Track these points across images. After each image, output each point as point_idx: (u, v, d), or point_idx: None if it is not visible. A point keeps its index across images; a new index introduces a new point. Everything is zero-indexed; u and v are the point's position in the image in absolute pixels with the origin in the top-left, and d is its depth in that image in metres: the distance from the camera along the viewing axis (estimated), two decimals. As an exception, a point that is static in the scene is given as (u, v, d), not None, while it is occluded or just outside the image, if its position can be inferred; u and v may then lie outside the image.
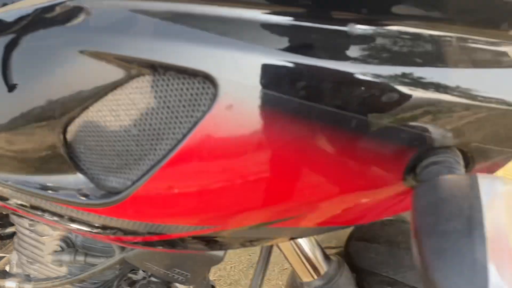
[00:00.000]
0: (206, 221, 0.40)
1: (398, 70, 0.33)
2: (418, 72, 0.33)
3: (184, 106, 0.35)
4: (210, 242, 0.44)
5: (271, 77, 0.32)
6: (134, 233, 0.43)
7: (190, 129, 0.35)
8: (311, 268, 0.55)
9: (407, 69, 0.33)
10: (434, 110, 0.33)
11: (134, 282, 0.75)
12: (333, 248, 0.67)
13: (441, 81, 0.33)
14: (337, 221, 0.41)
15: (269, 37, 0.33)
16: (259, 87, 0.32)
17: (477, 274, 0.24)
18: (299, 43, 0.33)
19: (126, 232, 0.43)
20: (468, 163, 0.37)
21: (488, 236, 0.25)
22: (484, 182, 0.29)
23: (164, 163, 0.37)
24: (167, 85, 0.35)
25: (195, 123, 0.35)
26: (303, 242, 0.55)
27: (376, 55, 0.33)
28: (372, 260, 0.59)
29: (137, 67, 0.35)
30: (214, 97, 0.33)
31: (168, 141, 0.37)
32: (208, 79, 0.33)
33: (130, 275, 0.75)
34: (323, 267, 0.56)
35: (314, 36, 0.33)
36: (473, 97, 0.33)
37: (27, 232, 0.78)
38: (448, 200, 0.28)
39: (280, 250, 0.56)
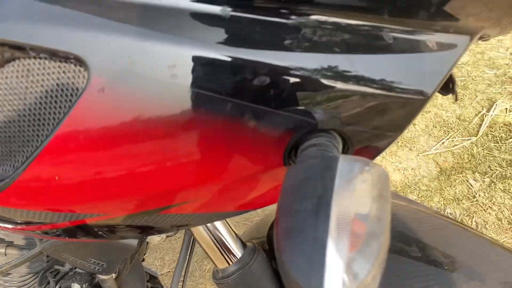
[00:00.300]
0: (91, 209, 0.39)
1: (275, 55, 0.33)
2: (295, 56, 0.33)
3: (62, 90, 0.34)
4: (108, 230, 0.43)
5: (143, 59, 0.32)
6: (27, 223, 0.42)
7: (65, 113, 0.34)
8: (226, 255, 0.56)
9: (284, 54, 0.33)
10: (311, 94, 0.34)
11: (62, 275, 0.74)
12: (258, 238, 0.67)
13: (318, 66, 0.33)
14: (228, 207, 0.41)
15: (143, 19, 0.32)
16: (130, 70, 0.32)
17: (315, 252, 0.25)
18: (172, 25, 0.32)
19: (19, 223, 0.42)
20: (348, 147, 0.37)
21: (333, 216, 0.26)
22: (344, 163, 0.29)
23: (42, 149, 0.36)
24: (43, 68, 0.34)
25: (71, 107, 0.34)
26: (216, 229, 0.55)
27: (255, 40, 0.33)
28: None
29: (8, 49, 0.34)
30: (87, 80, 0.33)
31: (50, 126, 0.36)
32: (80, 62, 0.33)
33: (57, 267, 0.74)
34: (237, 253, 0.56)
35: (186, 18, 0.32)
36: (348, 81, 0.34)
37: None
38: (307, 180, 0.29)
39: (195, 238, 0.56)
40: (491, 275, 0.49)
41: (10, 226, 0.45)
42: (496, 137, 2.05)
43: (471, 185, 1.82)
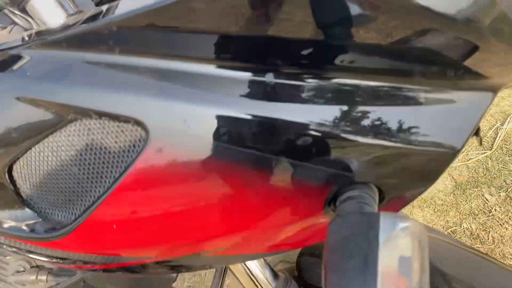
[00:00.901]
0: (136, 254, 0.42)
1: (314, 115, 0.36)
2: (331, 112, 0.36)
3: (120, 147, 0.37)
4: (157, 267, 0.47)
5: (197, 123, 0.35)
6: (83, 262, 0.45)
7: (125, 169, 0.37)
8: (260, 286, 0.58)
9: (324, 114, 0.36)
10: (348, 149, 0.37)
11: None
12: (287, 262, 0.70)
13: (352, 122, 0.36)
14: (268, 248, 0.44)
15: (200, 86, 0.36)
16: (186, 132, 0.35)
17: (366, 310, 0.27)
18: (224, 92, 0.35)
19: (75, 262, 0.46)
20: (383, 198, 0.40)
21: (380, 274, 0.28)
22: (385, 220, 0.32)
23: (102, 201, 0.39)
24: (103, 128, 0.37)
25: (130, 164, 0.37)
26: (253, 263, 0.58)
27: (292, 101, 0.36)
28: (320, 276, 0.62)
29: (73, 113, 0.37)
30: (145, 141, 0.36)
31: (107, 179, 0.39)
32: (139, 125, 0.36)
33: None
34: (271, 284, 0.58)
35: (233, 85, 0.35)
36: (387, 137, 0.37)
37: (-11, 252, 0.79)
38: (351, 238, 0.31)
39: (231, 272, 0.59)
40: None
41: (55, 261, 0.48)
42: (510, 150, 2.06)
43: (487, 200, 1.83)
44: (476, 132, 0.47)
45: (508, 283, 0.54)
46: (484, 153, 2.07)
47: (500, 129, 2.18)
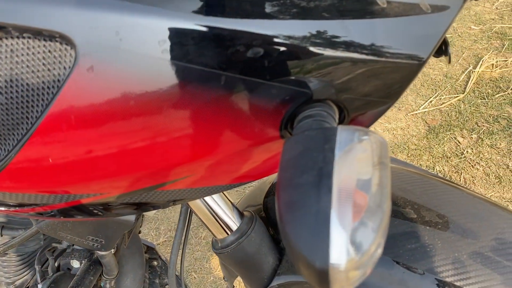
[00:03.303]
0: (86, 189, 0.39)
1: (266, 24, 0.32)
2: (286, 25, 0.32)
3: (48, 69, 0.33)
4: (104, 208, 0.43)
5: (131, 35, 0.31)
6: (21, 205, 0.42)
7: (55, 93, 0.33)
8: (224, 225, 0.56)
9: (275, 23, 0.32)
10: (303, 63, 0.33)
11: (60, 252, 0.74)
12: (254, 206, 0.68)
13: (309, 33, 0.32)
14: (227, 180, 0.41)
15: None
16: (119, 47, 0.31)
17: (319, 225, 0.25)
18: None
19: (13, 205, 0.42)
20: (345, 116, 0.37)
21: (335, 187, 0.26)
22: (343, 134, 0.29)
23: (34, 130, 0.35)
24: (28, 48, 0.33)
25: (60, 87, 0.33)
26: (213, 200, 0.56)
27: (246, 10, 0.32)
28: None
29: (-10, 31, 0.32)
30: (74, 58, 0.32)
31: (39, 107, 0.35)
32: (66, 40, 0.31)
33: (55, 244, 0.74)
34: (236, 223, 0.56)
35: None
36: (341, 47, 0.33)
37: None
38: (306, 153, 0.28)
39: (193, 210, 0.56)
40: (484, 232, 0.50)
41: (3, 208, 0.44)
42: (483, 93, 2.06)
43: (459, 142, 1.85)
44: (445, 49, 0.44)
45: (474, 207, 0.53)
46: (457, 96, 2.07)
47: (472, 72, 2.18)
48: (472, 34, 2.45)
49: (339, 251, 0.24)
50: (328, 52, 0.33)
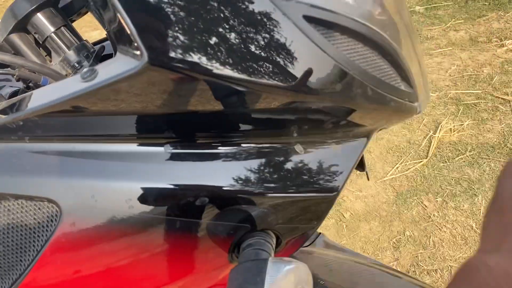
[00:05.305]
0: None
1: (210, 178, 0.41)
2: (226, 176, 0.42)
3: (39, 223, 0.42)
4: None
5: (104, 197, 0.40)
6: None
7: (45, 242, 0.41)
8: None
9: (218, 176, 0.41)
10: (243, 205, 0.42)
11: None
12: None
13: (244, 183, 0.42)
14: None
15: (104, 163, 0.40)
16: (95, 206, 0.40)
17: None
18: (126, 166, 0.41)
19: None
20: (281, 242, 0.46)
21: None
22: (272, 265, 0.37)
23: (28, 272, 0.43)
24: (22, 208, 0.41)
25: (49, 238, 0.41)
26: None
27: (193, 168, 0.41)
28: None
29: (-10, 198, 0.41)
30: (59, 217, 0.40)
31: (31, 253, 0.43)
32: (52, 203, 0.40)
33: None
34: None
35: (135, 159, 0.40)
36: (275, 189, 0.43)
37: None
38: (243, 284, 0.37)
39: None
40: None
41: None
42: (444, 157, 2.20)
43: (426, 206, 1.95)
44: (362, 167, 0.54)
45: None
46: (421, 161, 2.20)
47: (433, 137, 2.33)
48: (430, 100, 2.63)
49: None
50: (261, 191, 0.42)
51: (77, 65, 0.54)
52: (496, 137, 2.24)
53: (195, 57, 0.33)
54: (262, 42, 0.35)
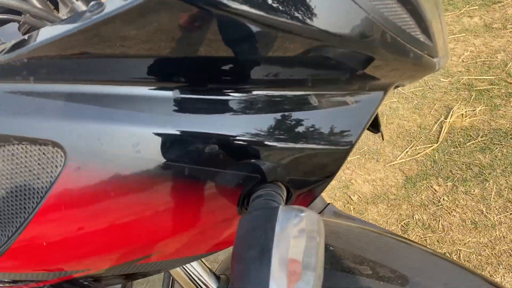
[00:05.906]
0: (78, 265, 0.45)
1: (221, 124, 0.40)
2: (237, 123, 0.40)
3: (43, 168, 0.40)
4: (93, 280, 0.49)
5: (110, 140, 0.38)
6: (15, 281, 0.47)
7: (49, 188, 0.40)
8: (203, 289, 0.62)
9: (228, 123, 0.40)
10: (254, 153, 0.41)
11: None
12: (230, 269, 0.73)
13: (258, 130, 0.40)
14: (199, 250, 0.48)
15: (110, 106, 0.39)
16: (101, 150, 0.38)
17: (261, 292, 0.31)
18: (134, 108, 0.39)
19: (8, 281, 0.48)
20: (291, 195, 0.44)
21: (274, 260, 0.32)
22: (283, 213, 0.36)
23: (31, 219, 0.41)
24: (25, 152, 0.40)
25: (53, 183, 0.40)
26: (192, 267, 0.62)
27: (203, 115, 0.40)
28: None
29: (-7, 140, 0.40)
30: (64, 161, 0.39)
31: (34, 199, 0.42)
32: (57, 146, 0.39)
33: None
34: (213, 286, 0.62)
35: (144, 103, 0.39)
36: (290, 140, 0.41)
37: None
38: (252, 231, 0.35)
39: (176, 280, 0.62)
40: (432, 284, 0.57)
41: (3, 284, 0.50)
42: (455, 142, 2.17)
43: (436, 190, 1.93)
44: (377, 128, 0.52)
45: (426, 263, 0.59)
46: (431, 146, 2.17)
47: (444, 122, 2.30)
48: (442, 86, 2.59)
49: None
50: (273, 143, 0.41)
51: (84, 16, 0.53)
52: (509, 123, 2.20)
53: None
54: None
